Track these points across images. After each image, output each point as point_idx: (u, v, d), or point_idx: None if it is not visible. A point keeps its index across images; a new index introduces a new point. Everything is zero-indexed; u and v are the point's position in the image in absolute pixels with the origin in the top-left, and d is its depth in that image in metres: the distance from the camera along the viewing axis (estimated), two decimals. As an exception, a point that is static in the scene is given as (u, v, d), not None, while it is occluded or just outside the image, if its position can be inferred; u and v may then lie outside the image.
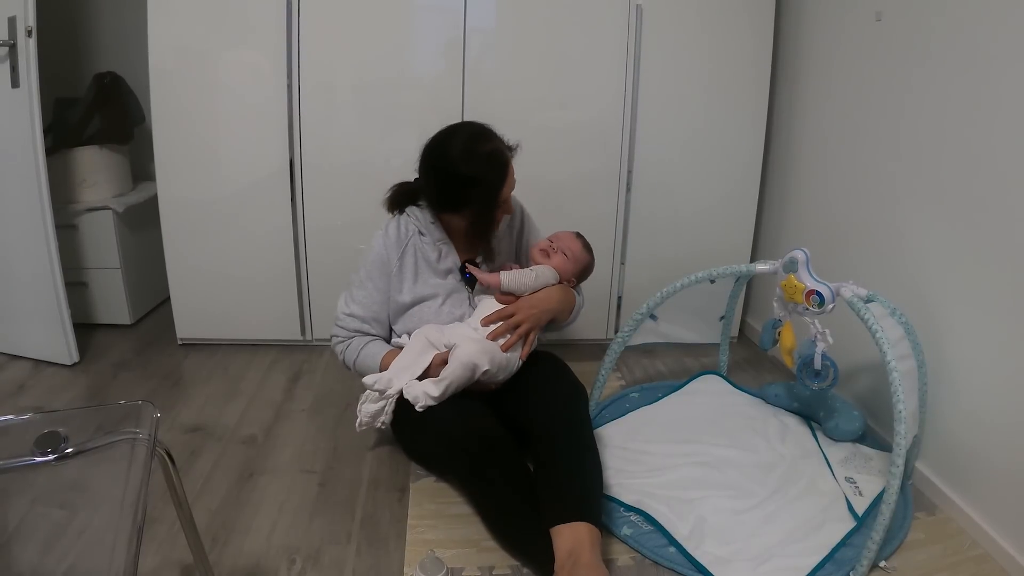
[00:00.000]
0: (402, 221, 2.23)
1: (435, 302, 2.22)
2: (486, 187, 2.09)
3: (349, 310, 2.24)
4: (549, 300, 2.21)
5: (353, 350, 2.23)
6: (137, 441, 1.37)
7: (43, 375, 2.86)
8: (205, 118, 2.90)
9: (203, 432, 2.46)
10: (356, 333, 2.24)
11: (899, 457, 1.79)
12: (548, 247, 2.31)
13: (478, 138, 2.09)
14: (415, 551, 1.88)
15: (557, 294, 2.24)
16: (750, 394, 2.72)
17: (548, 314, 2.21)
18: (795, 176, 3.03)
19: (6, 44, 2.56)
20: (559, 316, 2.27)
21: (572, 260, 2.30)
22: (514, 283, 2.19)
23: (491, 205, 2.13)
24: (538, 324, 2.19)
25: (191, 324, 3.15)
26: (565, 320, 2.33)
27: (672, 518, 1.96)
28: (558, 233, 2.35)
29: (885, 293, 2.17)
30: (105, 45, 3.67)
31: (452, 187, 2.10)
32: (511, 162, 2.13)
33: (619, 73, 2.94)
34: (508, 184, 2.13)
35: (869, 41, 2.50)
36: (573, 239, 2.34)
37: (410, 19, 2.90)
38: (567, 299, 2.28)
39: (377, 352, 2.20)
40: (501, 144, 2.12)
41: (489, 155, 2.07)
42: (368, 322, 2.23)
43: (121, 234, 3.25)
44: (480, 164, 2.06)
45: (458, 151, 2.06)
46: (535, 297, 2.20)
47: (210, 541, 1.91)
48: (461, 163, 2.05)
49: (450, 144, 2.08)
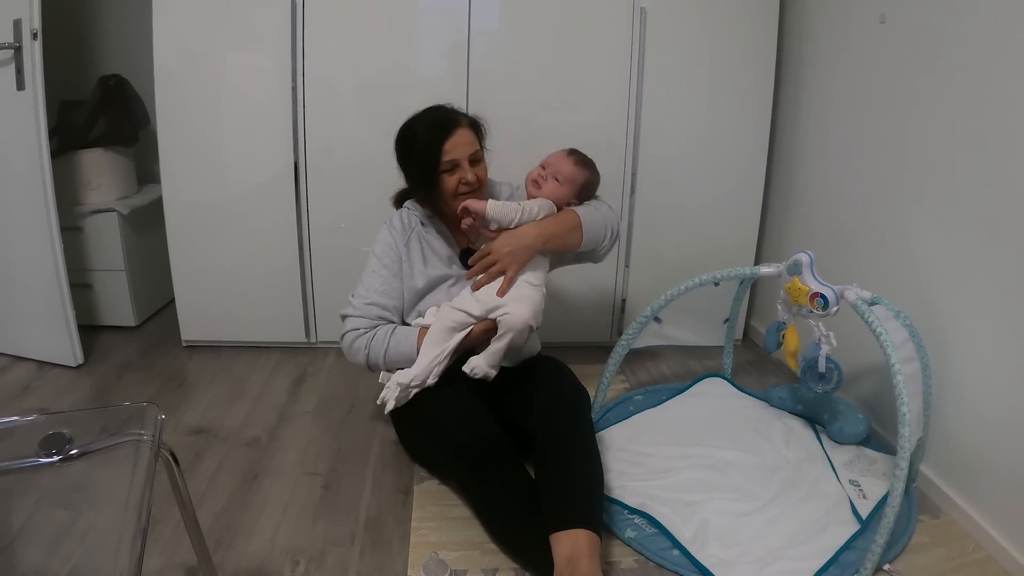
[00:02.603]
0: (404, 214, 2.30)
1: (447, 284, 2.24)
2: (425, 143, 2.14)
3: (368, 299, 2.21)
4: (526, 236, 2.12)
5: (380, 340, 2.16)
6: (142, 443, 1.37)
7: (47, 376, 2.87)
8: (210, 120, 2.91)
9: (207, 434, 2.47)
10: (377, 321, 2.21)
11: (903, 460, 1.79)
12: (539, 175, 2.26)
13: (435, 109, 2.22)
14: (419, 553, 1.88)
15: (537, 228, 2.15)
16: (754, 397, 2.71)
17: (527, 251, 2.12)
18: (799, 179, 3.03)
19: (11, 47, 2.57)
20: (565, 244, 2.20)
21: (566, 182, 2.24)
22: (497, 212, 2.12)
23: (432, 162, 2.14)
24: (516, 262, 2.11)
25: (196, 326, 3.16)
26: (583, 244, 2.23)
27: (676, 521, 1.96)
28: (549, 157, 2.29)
29: (889, 296, 2.17)
30: (110, 47, 3.69)
31: (403, 151, 2.21)
32: (462, 127, 2.18)
33: (623, 75, 2.94)
34: (451, 142, 2.14)
35: (873, 43, 2.50)
36: (563, 159, 2.27)
37: (414, 21, 2.91)
38: (558, 227, 2.19)
39: (408, 335, 2.16)
40: (454, 113, 2.22)
41: (437, 119, 2.18)
42: (389, 309, 2.22)
43: (126, 236, 3.26)
44: (426, 124, 2.17)
45: (416, 120, 2.20)
46: (509, 235, 2.13)
47: (214, 542, 1.91)
48: (413, 127, 2.19)
49: (412, 118, 2.22)
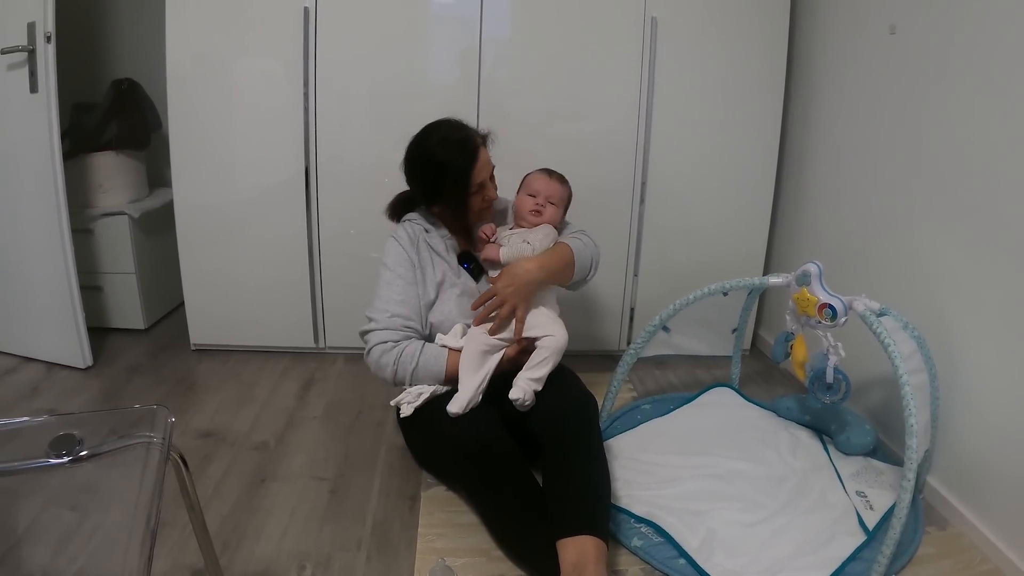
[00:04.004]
0: (407, 225, 2.30)
1: (454, 291, 2.24)
2: (457, 170, 2.15)
3: (390, 311, 2.17)
4: (527, 272, 2.13)
5: (409, 357, 2.12)
6: (151, 445, 1.38)
7: (57, 378, 2.88)
8: (221, 125, 2.92)
9: (215, 438, 2.48)
10: (406, 331, 2.17)
11: (910, 471, 1.79)
12: (536, 206, 2.27)
13: (450, 129, 2.20)
14: (425, 559, 1.88)
15: (537, 263, 2.16)
16: (762, 407, 2.71)
17: (530, 286, 2.13)
18: (808, 189, 3.03)
19: (25, 49, 2.59)
20: (561, 278, 2.23)
21: (560, 202, 2.30)
22: (512, 259, 2.18)
23: (463, 188, 2.17)
24: (523, 299, 2.13)
25: (205, 329, 3.17)
26: (574, 276, 2.27)
27: (682, 530, 1.96)
28: (531, 183, 2.31)
29: (897, 307, 2.17)
30: (123, 51, 3.71)
31: (429, 176, 2.19)
32: (482, 148, 2.20)
33: (634, 85, 2.95)
34: (478, 167, 2.17)
35: (882, 53, 2.50)
36: (549, 182, 2.29)
37: (426, 28, 2.92)
38: (555, 262, 2.20)
39: (438, 355, 2.14)
40: (472, 132, 2.22)
41: (459, 141, 2.17)
42: (412, 319, 2.19)
43: (136, 239, 3.27)
44: (451, 150, 2.15)
45: (433, 141, 2.18)
46: (509, 273, 2.14)
47: (221, 546, 1.91)
48: (435, 151, 2.16)
49: (426, 138, 2.20)
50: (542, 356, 2.07)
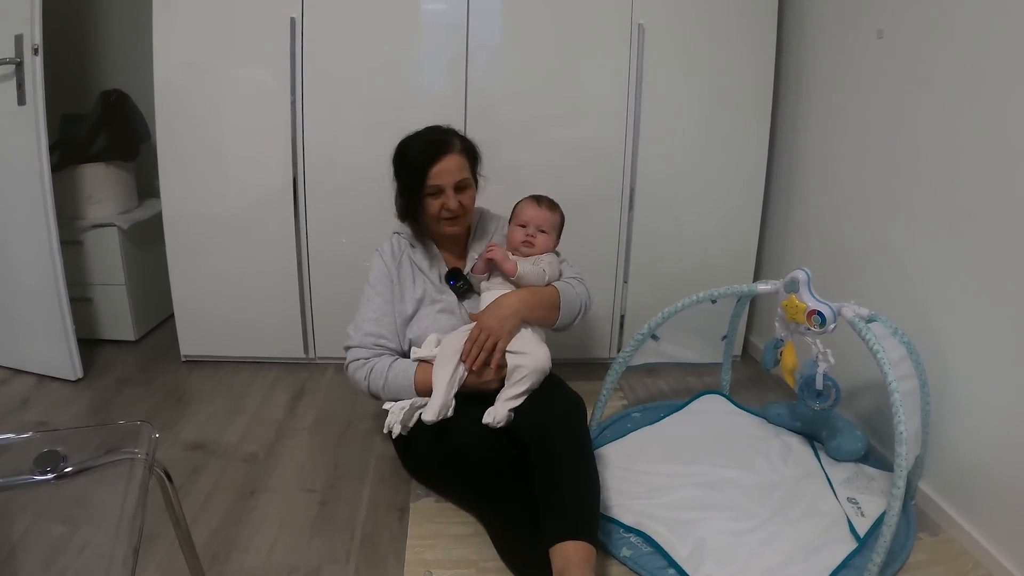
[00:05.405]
0: (394, 240, 2.33)
1: (434, 307, 2.26)
2: (414, 162, 2.19)
3: (364, 329, 2.24)
4: (510, 306, 2.14)
5: (379, 373, 2.17)
6: (135, 461, 1.38)
7: (47, 390, 2.87)
8: (210, 135, 2.92)
9: (205, 449, 2.47)
10: (376, 349, 2.22)
11: (900, 478, 1.79)
12: (528, 237, 2.27)
13: (433, 130, 2.25)
14: (414, 571, 1.88)
15: (519, 297, 2.17)
16: (752, 414, 2.71)
17: (513, 319, 2.12)
18: (798, 195, 3.04)
19: (12, 62, 2.58)
20: (543, 319, 2.21)
21: (551, 230, 2.31)
22: (528, 278, 2.20)
23: (418, 183, 2.18)
24: (507, 332, 2.11)
25: (195, 341, 3.16)
26: (558, 321, 2.24)
27: (672, 540, 1.95)
28: (520, 214, 2.31)
29: (887, 313, 2.17)
30: (111, 62, 3.71)
31: (396, 167, 2.26)
32: (454, 154, 2.20)
33: (621, 91, 2.95)
34: (439, 167, 2.17)
35: (871, 59, 2.50)
36: (538, 209, 2.30)
37: (414, 35, 2.92)
38: (539, 300, 2.20)
39: (406, 368, 2.16)
40: (451, 138, 2.23)
41: (430, 140, 2.21)
42: (385, 336, 2.23)
43: (126, 250, 3.27)
44: (418, 144, 2.21)
45: (411, 138, 2.24)
46: (495, 308, 2.14)
47: (210, 558, 1.90)
48: (407, 144, 2.24)
49: (405, 140, 2.25)
50: (520, 375, 2.05)
